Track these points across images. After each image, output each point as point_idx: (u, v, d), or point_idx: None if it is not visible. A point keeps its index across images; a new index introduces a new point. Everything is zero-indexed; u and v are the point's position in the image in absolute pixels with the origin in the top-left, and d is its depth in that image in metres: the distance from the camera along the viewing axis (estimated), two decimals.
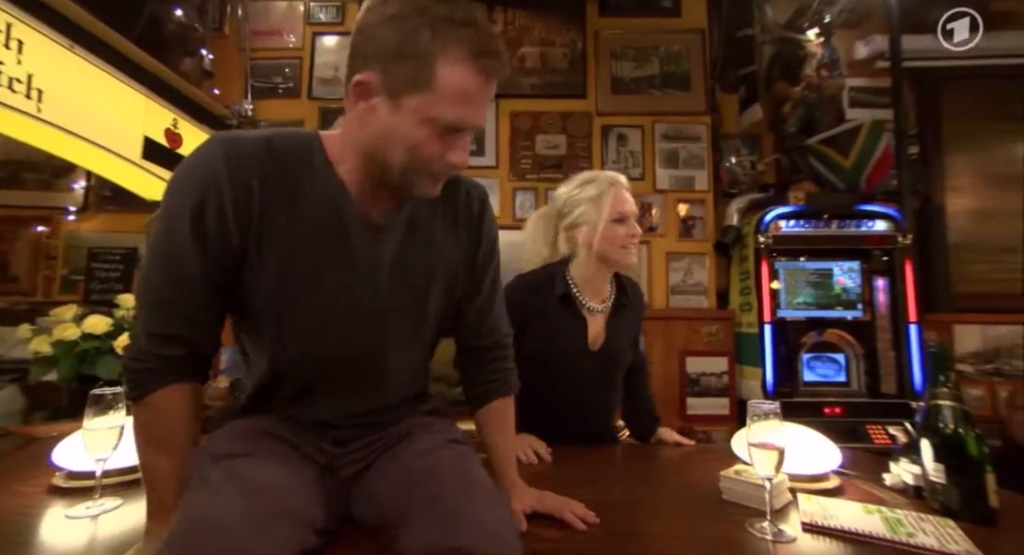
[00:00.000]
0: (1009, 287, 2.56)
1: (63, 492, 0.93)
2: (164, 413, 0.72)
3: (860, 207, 2.16)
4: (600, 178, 1.32)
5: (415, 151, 0.66)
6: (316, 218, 0.71)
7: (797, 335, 2.14)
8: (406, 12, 0.62)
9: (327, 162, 0.72)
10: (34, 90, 1.44)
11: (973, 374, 2.49)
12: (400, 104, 0.64)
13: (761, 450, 0.85)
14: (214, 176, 0.66)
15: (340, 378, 0.78)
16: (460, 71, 0.63)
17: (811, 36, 2.36)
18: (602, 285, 1.33)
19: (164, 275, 0.69)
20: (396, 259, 0.77)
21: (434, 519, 0.64)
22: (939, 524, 0.83)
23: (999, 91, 2.66)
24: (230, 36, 2.55)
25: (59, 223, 2.58)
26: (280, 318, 0.73)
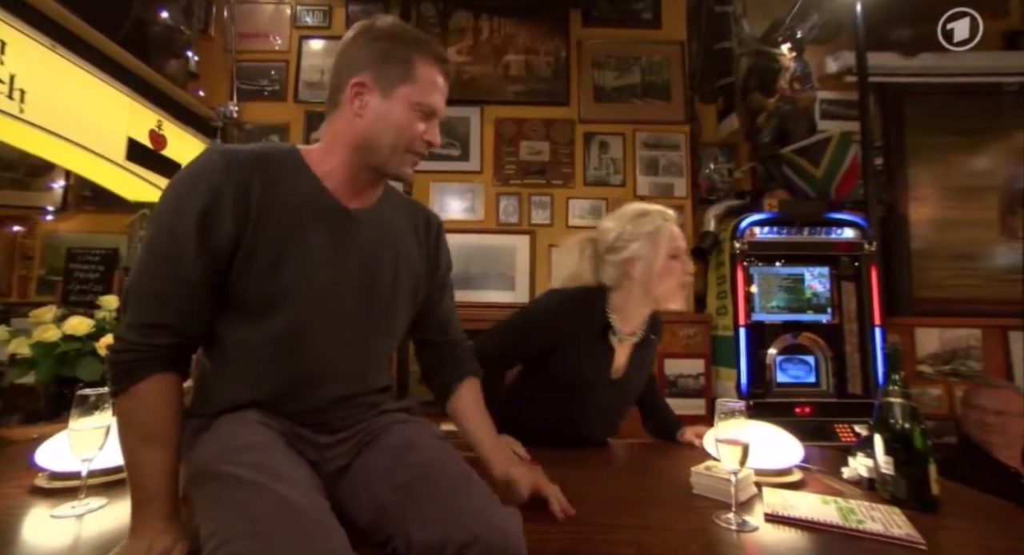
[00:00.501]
0: (966, 292, 2.70)
1: (46, 493, 0.93)
2: (152, 402, 0.73)
3: (830, 215, 2.27)
4: (652, 213, 1.29)
5: (405, 130, 0.82)
6: (301, 215, 0.80)
7: (770, 338, 2.23)
8: (386, 35, 0.83)
9: (306, 166, 0.84)
10: (16, 90, 1.44)
11: (932, 375, 2.61)
12: (392, 95, 0.82)
13: (727, 446, 0.90)
14: (216, 181, 0.74)
15: (326, 366, 0.83)
16: (431, 70, 0.84)
17: (784, 50, 2.47)
18: (640, 319, 1.32)
19: (161, 271, 0.74)
20: (372, 249, 0.87)
21: (442, 514, 0.69)
22: (887, 512, 0.90)
23: (956, 107, 2.81)
24: (216, 38, 2.55)
25: (36, 223, 2.54)
26: (274, 309, 0.78)
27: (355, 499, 0.79)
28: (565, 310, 1.28)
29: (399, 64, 0.81)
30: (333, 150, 0.85)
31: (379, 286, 0.87)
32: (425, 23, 2.57)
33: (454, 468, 0.80)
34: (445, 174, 2.51)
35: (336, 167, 0.85)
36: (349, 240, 0.84)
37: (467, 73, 2.55)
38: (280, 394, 0.80)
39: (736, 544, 0.82)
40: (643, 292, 1.27)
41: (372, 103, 0.82)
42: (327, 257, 0.81)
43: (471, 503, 0.72)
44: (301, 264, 0.79)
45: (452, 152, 2.52)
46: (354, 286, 0.84)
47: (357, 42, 0.83)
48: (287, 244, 0.78)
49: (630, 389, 1.37)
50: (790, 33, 2.48)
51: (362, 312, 0.85)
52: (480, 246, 2.45)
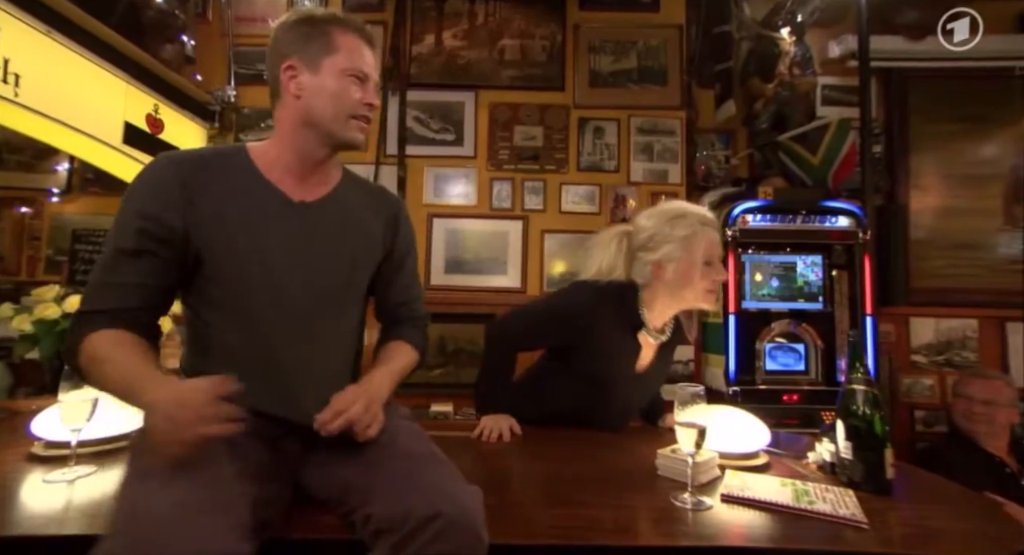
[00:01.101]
0: (964, 282, 2.67)
1: (41, 460, 1.00)
2: (109, 340, 0.77)
3: (824, 203, 2.24)
4: (691, 216, 1.27)
5: (340, 97, 0.88)
6: (246, 211, 0.85)
7: (760, 326, 2.23)
8: (304, 18, 0.89)
9: (250, 161, 0.90)
10: (11, 75, 1.47)
11: (925, 365, 2.61)
12: (320, 68, 0.87)
13: (684, 428, 0.93)
14: (165, 182, 0.82)
15: (283, 357, 0.85)
16: (350, 37, 0.90)
17: (785, 35, 2.42)
18: (668, 317, 1.34)
19: (106, 264, 0.81)
20: (323, 239, 0.91)
21: (405, 490, 0.72)
22: (840, 494, 0.93)
23: (963, 93, 2.73)
24: (214, 22, 2.55)
25: (43, 204, 2.60)
26: (230, 298, 0.84)
27: (323, 477, 0.82)
28: (597, 305, 1.27)
29: (319, 38, 0.88)
30: (279, 138, 0.91)
31: (331, 275, 0.90)
32: (421, 8, 2.56)
33: (419, 447, 0.84)
34: (439, 159, 2.52)
35: (282, 155, 0.90)
36: (293, 232, 0.88)
37: (462, 58, 2.53)
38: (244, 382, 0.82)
39: (688, 522, 0.86)
40: (670, 293, 1.27)
41: (305, 81, 0.87)
42: (271, 250, 0.85)
43: (434, 480, 0.75)
44: (245, 259, 0.83)
45: (446, 137, 2.53)
46: (302, 277, 0.87)
47: (280, 32, 0.90)
48: (231, 240, 0.83)
49: (651, 385, 1.39)
50: (791, 17, 2.43)
51: (311, 302, 0.88)
52: (473, 231, 2.46)
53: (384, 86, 2.52)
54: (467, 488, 0.76)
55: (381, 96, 2.28)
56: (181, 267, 0.84)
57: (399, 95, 2.51)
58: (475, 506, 0.72)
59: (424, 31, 2.55)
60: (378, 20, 2.54)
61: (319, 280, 0.89)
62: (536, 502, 0.91)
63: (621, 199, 2.49)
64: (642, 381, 1.35)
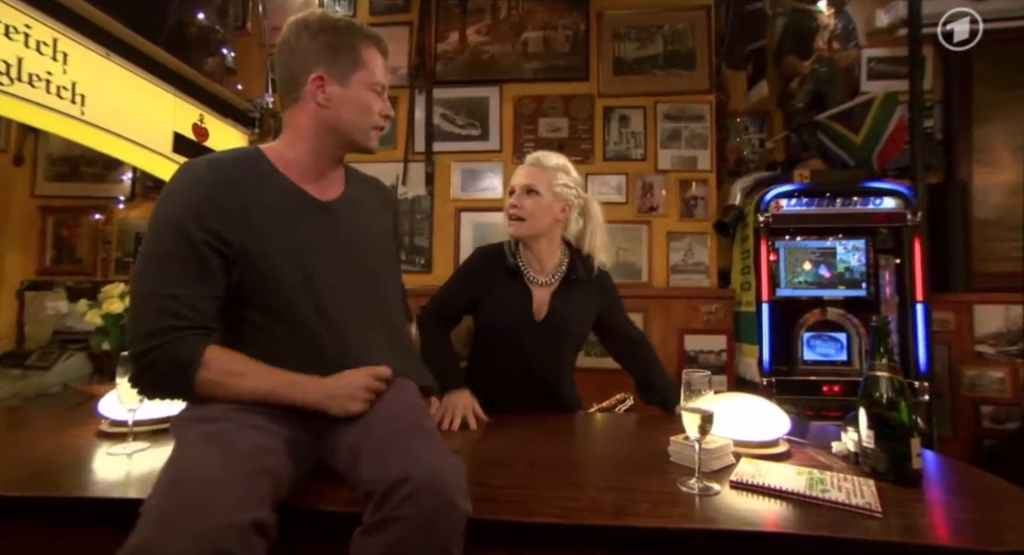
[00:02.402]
0: None
1: (106, 436, 1.14)
2: (227, 356, 0.83)
3: (866, 184, 2.12)
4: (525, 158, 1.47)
5: (367, 109, 0.95)
6: (283, 212, 0.89)
7: (797, 314, 2.14)
8: (328, 27, 0.93)
9: (270, 164, 0.93)
10: (78, 96, 1.64)
11: (993, 356, 2.41)
12: (349, 83, 0.93)
13: (688, 414, 0.92)
14: (201, 188, 0.84)
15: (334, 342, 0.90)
16: (373, 52, 0.96)
17: (822, 7, 2.28)
18: (547, 258, 1.41)
19: (166, 274, 0.81)
20: (353, 237, 0.97)
21: (387, 455, 0.75)
22: (858, 483, 0.89)
23: None
24: (252, 33, 2.72)
25: (112, 211, 2.87)
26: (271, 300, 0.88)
27: (334, 443, 0.86)
28: (482, 260, 1.45)
29: (347, 53, 0.92)
30: (297, 141, 0.95)
31: (362, 269, 0.96)
32: (445, 6, 2.60)
33: (409, 417, 0.87)
34: (465, 154, 2.57)
35: (300, 157, 0.94)
36: (329, 231, 0.93)
37: (486, 53, 2.56)
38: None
39: (694, 506, 0.85)
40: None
41: (334, 93, 0.92)
42: (306, 250, 0.89)
43: (412, 447, 0.77)
44: (283, 260, 0.87)
45: (472, 132, 2.57)
46: (338, 274, 0.92)
47: (302, 39, 0.92)
48: (269, 243, 0.86)
49: (557, 329, 1.39)
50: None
51: (348, 295, 0.93)
52: (501, 225, 2.49)
53: (411, 85, 2.59)
54: (445, 457, 0.77)
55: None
56: (228, 275, 0.85)
57: (425, 93, 2.57)
58: (449, 472, 0.72)
59: (448, 29, 2.60)
60: (404, 21, 2.61)
61: (352, 275, 0.94)
62: (540, 483, 0.93)
63: (648, 188, 2.44)
64: (544, 326, 1.37)
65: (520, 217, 1.37)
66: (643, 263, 2.42)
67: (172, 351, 0.79)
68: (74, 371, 2.27)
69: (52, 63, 1.56)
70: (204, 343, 0.82)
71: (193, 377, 0.80)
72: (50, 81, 1.55)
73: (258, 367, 0.84)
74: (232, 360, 0.83)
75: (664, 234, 2.42)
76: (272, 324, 0.88)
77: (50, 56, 1.56)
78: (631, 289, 2.39)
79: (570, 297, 1.41)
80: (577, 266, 1.42)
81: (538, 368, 1.41)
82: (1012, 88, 2.51)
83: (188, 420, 0.83)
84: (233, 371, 0.82)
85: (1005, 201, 2.51)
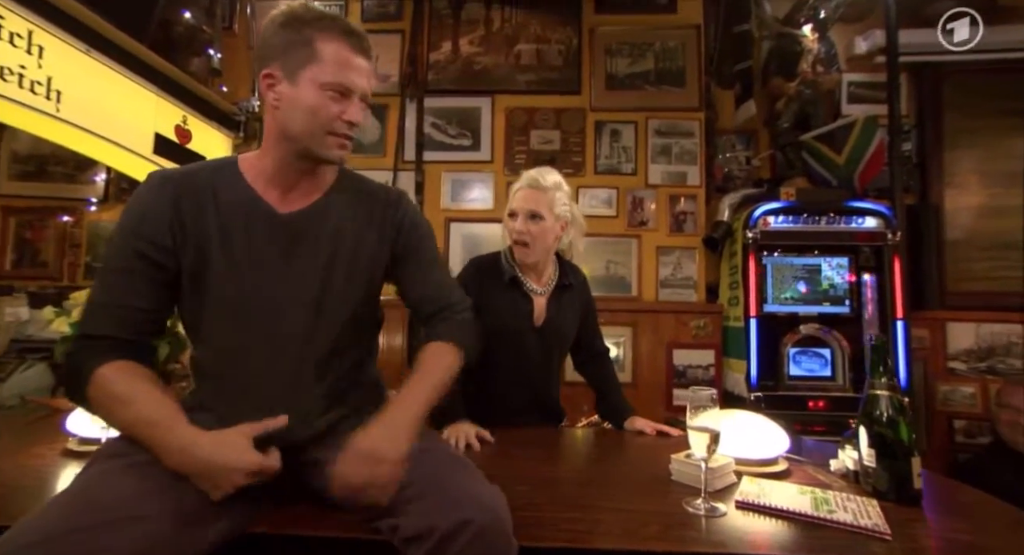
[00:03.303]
0: (1006, 285, 2.53)
1: (74, 454, 1.06)
2: (122, 375, 0.75)
3: (850, 204, 2.18)
4: (522, 176, 1.44)
5: (316, 113, 0.81)
6: (231, 221, 0.83)
7: (783, 330, 2.17)
8: (290, 20, 0.82)
9: (238, 174, 0.87)
10: (53, 91, 1.56)
11: (965, 372, 2.48)
12: (298, 79, 0.81)
13: (696, 432, 0.91)
14: (157, 202, 0.81)
15: (271, 380, 0.84)
16: (335, 45, 0.81)
17: (807, 32, 2.36)
18: (543, 270, 1.46)
19: (105, 285, 0.80)
20: (312, 249, 0.87)
21: (435, 497, 0.70)
22: (862, 503, 0.89)
23: (1002, 86, 2.61)
24: (239, 35, 2.65)
25: (82, 213, 2.74)
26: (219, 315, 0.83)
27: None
28: (476, 268, 1.45)
29: (302, 47, 0.80)
30: (264, 148, 0.87)
31: (319, 288, 0.86)
32: (438, 16, 2.60)
33: (447, 456, 0.84)
34: (456, 164, 2.55)
35: (266, 165, 0.86)
36: (279, 245, 0.85)
37: (478, 63, 2.56)
38: (233, 405, 0.82)
39: (700, 529, 0.83)
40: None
41: (283, 92, 0.81)
42: (258, 264, 0.83)
43: (459, 483, 0.74)
44: (234, 275, 0.82)
45: (463, 142, 2.55)
46: (290, 291, 0.84)
47: (266, 34, 0.84)
48: (220, 257, 0.82)
49: (555, 333, 1.46)
50: (813, 13, 2.37)
51: (301, 316, 0.85)
52: (490, 236, 2.47)
53: (402, 93, 2.57)
54: (492, 490, 0.74)
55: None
56: (174, 288, 0.82)
57: (417, 102, 2.55)
58: (503, 508, 0.71)
59: (441, 38, 2.59)
60: (396, 29, 2.60)
61: (307, 293, 0.85)
62: (544, 505, 0.90)
63: (639, 202, 2.47)
64: (543, 332, 1.43)
65: (526, 242, 1.38)
66: (633, 277, 2.43)
67: (77, 358, 0.76)
68: (32, 383, 2.13)
69: (26, 56, 1.48)
70: (108, 357, 0.75)
71: (83, 391, 0.75)
72: (23, 75, 1.47)
73: (141, 396, 0.73)
74: (121, 381, 0.74)
75: (654, 248, 2.44)
76: (213, 340, 0.85)
77: (24, 49, 1.48)
78: (620, 303, 2.40)
79: (562, 303, 1.47)
80: (567, 273, 1.49)
81: (536, 373, 1.45)
82: (979, 116, 2.64)
83: (108, 454, 0.75)
84: (113, 394, 0.74)
85: (973, 223, 2.62)
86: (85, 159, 2.60)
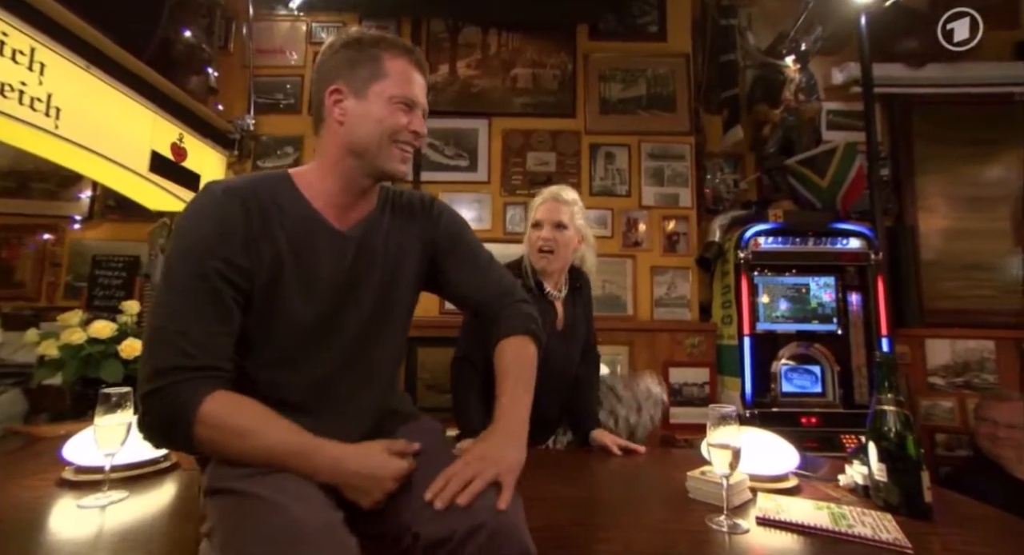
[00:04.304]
0: (979, 303, 2.67)
1: (72, 485, 1.00)
2: (230, 411, 0.71)
3: (835, 225, 2.27)
4: (543, 192, 1.55)
5: (385, 123, 0.84)
6: (300, 238, 0.83)
7: (776, 348, 2.23)
8: (352, 42, 0.87)
9: (297, 190, 0.86)
10: (52, 108, 1.53)
11: (944, 387, 2.58)
12: (367, 94, 0.85)
13: (718, 450, 0.93)
14: (231, 219, 0.77)
15: (338, 382, 0.85)
16: (400, 62, 0.87)
17: (789, 62, 2.50)
18: (558, 277, 1.54)
19: (174, 309, 0.73)
20: (368, 266, 0.88)
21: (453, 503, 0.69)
22: (878, 518, 0.92)
23: (966, 118, 2.80)
24: (235, 54, 2.65)
25: (64, 231, 2.65)
26: (279, 334, 0.81)
27: None
28: None
29: (368, 63, 0.85)
30: (325, 166, 0.87)
31: (375, 305, 0.88)
32: (435, 39, 2.65)
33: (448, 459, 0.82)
34: (453, 184, 2.57)
35: (328, 184, 0.87)
36: (346, 262, 0.86)
37: (476, 86, 2.61)
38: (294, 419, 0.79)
39: (726, 546, 0.84)
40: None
41: (350, 107, 0.84)
42: (327, 281, 0.84)
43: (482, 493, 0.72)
44: (298, 293, 0.81)
45: (460, 163, 2.59)
46: (352, 308, 0.86)
47: (326, 56, 0.88)
48: (285, 275, 0.80)
49: (574, 332, 1.54)
50: (795, 45, 2.51)
51: (358, 333, 0.87)
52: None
53: None
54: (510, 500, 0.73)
55: None
56: (245, 309, 0.78)
57: None
58: (518, 515, 0.70)
59: (439, 61, 2.64)
60: None
61: (365, 310, 0.87)
62: (568, 525, 0.90)
63: (633, 223, 2.52)
64: (565, 334, 1.51)
65: (551, 250, 1.46)
66: (628, 296, 2.47)
67: (171, 396, 0.69)
68: (4, 409, 2.03)
69: (27, 73, 1.46)
70: (207, 389, 0.70)
71: (190, 431, 0.69)
72: (23, 92, 1.45)
73: (266, 424, 0.72)
74: (235, 413, 0.71)
75: (648, 268, 2.49)
76: (273, 358, 0.82)
77: (26, 65, 1.46)
78: (616, 322, 2.43)
79: (576, 305, 1.56)
80: (577, 277, 1.59)
81: (561, 378, 1.50)
82: (946, 144, 2.81)
83: (237, 474, 0.71)
84: (233, 428, 0.70)
85: (944, 245, 2.76)
86: (69, 175, 2.54)
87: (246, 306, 0.78)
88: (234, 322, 0.76)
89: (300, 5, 2.60)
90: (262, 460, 0.70)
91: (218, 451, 0.72)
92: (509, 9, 2.52)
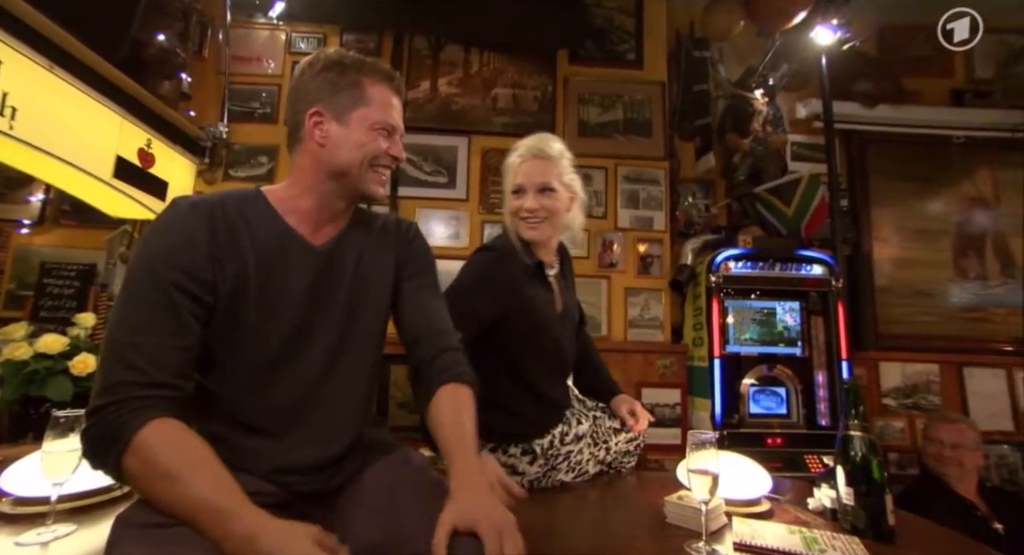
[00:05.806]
0: (923, 328, 2.84)
1: (9, 519, 0.91)
2: (164, 446, 0.65)
3: (800, 252, 2.38)
4: (519, 146, 1.28)
5: (367, 149, 0.86)
6: (268, 254, 0.82)
7: (744, 369, 2.29)
8: (331, 64, 0.87)
9: (270, 206, 0.86)
10: (8, 107, 1.44)
11: (895, 408, 2.71)
12: (348, 120, 0.86)
13: (698, 475, 0.94)
14: (194, 232, 0.77)
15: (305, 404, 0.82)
16: (381, 88, 0.89)
17: (758, 95, 2.63)
18: (552, 248, 1.33)
19: (132, 322, 0.71)
20: (341, 282, 0.88)
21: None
22: (847, 542, 0.95)
23: (913, 156, 3.02)
24: (210, 59, 2.58)
25: (9, 235, 2.48)
26: (246, 351, 0.79)
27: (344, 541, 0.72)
28: (494, 261, 1.23)
29: (350, 89, 0.86)
30: (301, 184, 0.88)
31: (346, 322, 0.87)
32: (417, 56, 2.66)
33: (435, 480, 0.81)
34: (431, 201, 2.56)
35: (303, 202, 0.87)
36: (318, 277, 0.85)
37: (456, 104, 2.63)
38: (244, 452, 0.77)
39: None
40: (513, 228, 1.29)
41: (331, 131, 0.86)
42: (297, 296, 0.82)
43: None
44: (267, 308, 0.80)
45: (439, 179, 2.58)
46: (320, 325, 0.84)
47: (305, 76, 0.88)
48: (254, 290, 0.79)
49: (573, 313, 1.40)
50: (763, 79, 2.65)
51: (328, 351, 0.85)
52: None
53: None
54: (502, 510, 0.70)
55: None
56: (207, 325, 0.77)
57: None
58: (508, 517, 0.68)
59: (420, 77, 2.65)
60: None
61: (334, 325, 0.85)
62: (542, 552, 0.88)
63: (608, 244, 2.57)
64: (565, 315, 1.34)
65: (540, 219, 1.22)
66: (603, 317, 2.50)
67: (114, 414, 0.65)
68: None
69: None
70: (151, 413, 0.66)
71: (120, 458, 0.64)
72: None
73: (195, 472, 0.64)
74: (167, 450, 0.64)
75: (622, 289, 2.53)
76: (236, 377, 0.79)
77: None
78: None
79: (567, 281, 1.40)
80: (564, 247, 1.40)
81: (566, 361, 1.36)
82: (897, 179, 3.02)
83: (139, 523, 0.67)
84: (159, 467, 0.63)
85: (895, 272, 2.94)
86: (16, 177, 2.38)
87: (208, 320, 0.76)
88: (191, 337, 0.74)
89: (280, 15, 2.56)
90: (177, 512, 0.63)
91: (141, 490, 0.67)
92: (491, 32, 2.56)
